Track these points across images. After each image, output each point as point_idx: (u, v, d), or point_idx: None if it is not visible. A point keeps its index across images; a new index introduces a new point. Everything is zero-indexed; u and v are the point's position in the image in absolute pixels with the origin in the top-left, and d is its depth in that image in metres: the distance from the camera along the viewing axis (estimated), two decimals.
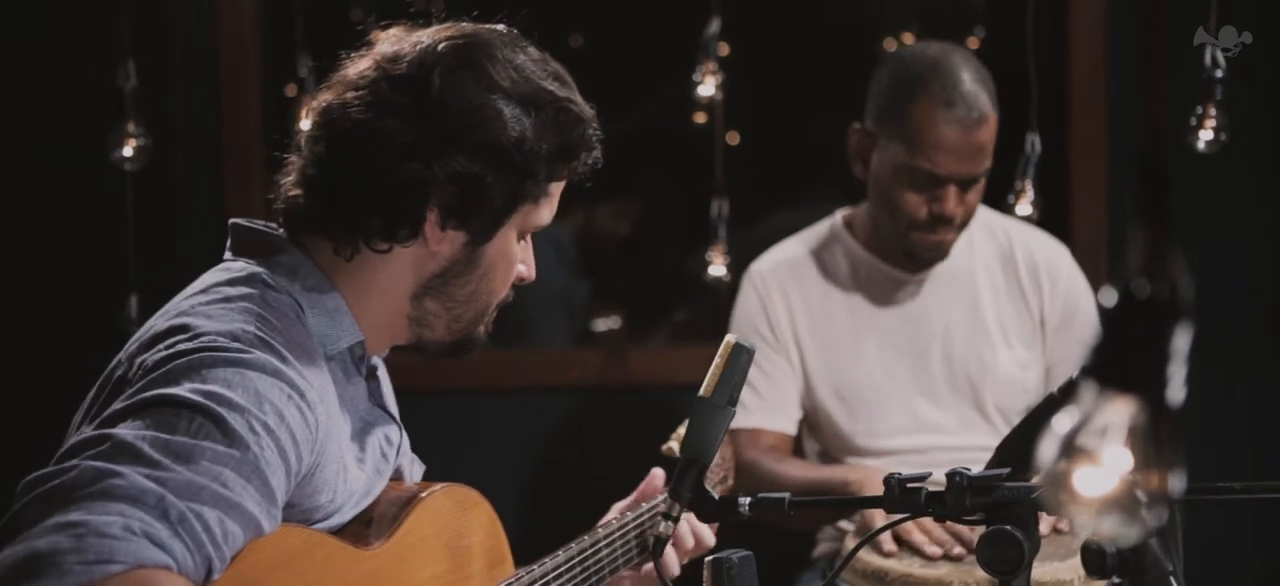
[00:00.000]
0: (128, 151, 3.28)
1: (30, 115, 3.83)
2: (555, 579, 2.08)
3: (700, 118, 3.79)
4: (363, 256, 1.91)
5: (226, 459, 1.63)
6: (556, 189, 1.97)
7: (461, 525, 2.03)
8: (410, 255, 1.91)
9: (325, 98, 1.91)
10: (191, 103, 3.81)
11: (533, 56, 1.94)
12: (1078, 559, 2.29)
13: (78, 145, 3.74)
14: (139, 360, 1.74)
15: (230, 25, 3.83)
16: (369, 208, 1.87)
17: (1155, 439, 0.91)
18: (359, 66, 1.91)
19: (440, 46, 1.89)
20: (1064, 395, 1.72)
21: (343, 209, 1.88)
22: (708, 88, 3.40)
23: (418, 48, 1.89)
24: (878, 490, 2.82)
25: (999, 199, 3.35)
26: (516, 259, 1.98)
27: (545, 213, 1.97)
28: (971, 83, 2.98)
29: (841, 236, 3.24)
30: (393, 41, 1.92)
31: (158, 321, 1.81)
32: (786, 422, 3.18)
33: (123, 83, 3.28)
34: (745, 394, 3.10)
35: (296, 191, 1.91)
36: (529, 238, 2.01)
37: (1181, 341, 0.91)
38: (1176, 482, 0.92)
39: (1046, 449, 0.96)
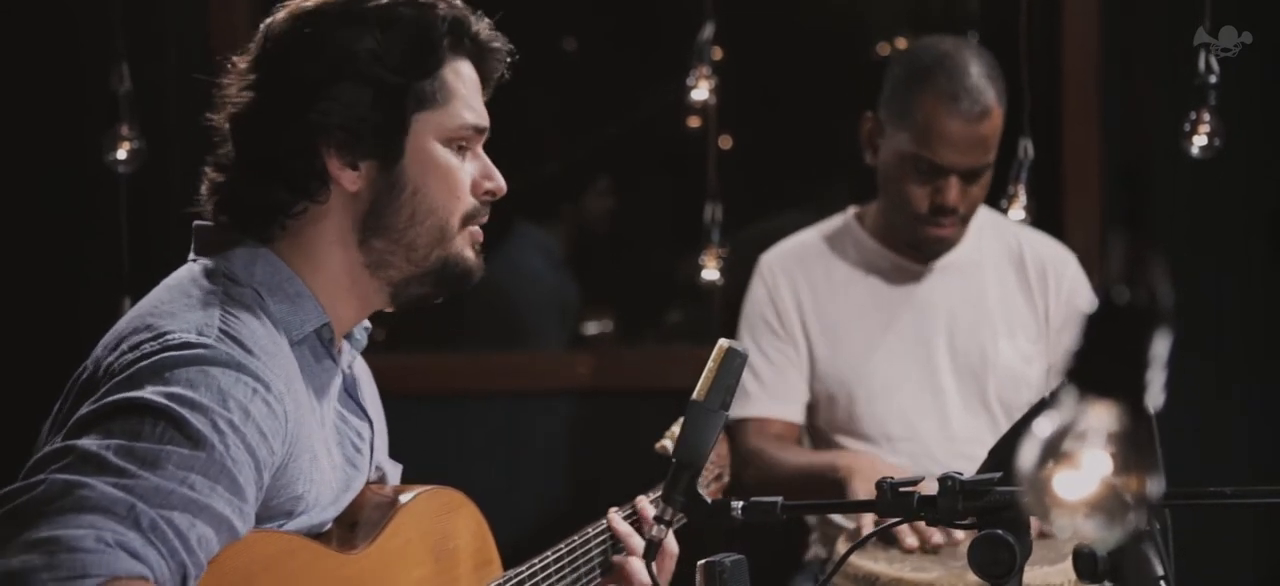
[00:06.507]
0: (121, 154, 3.29)
1: (24, 119, 3.83)
2: (544, 578, 2.08)
3: (694, 121, 3.80)
4: (296, 230, 1.91)
5: (192, 461, 1.63)
6: (456, 81, 1.94)
7: (447, 527, 2.03)
8: (336, 207, 1.90)
9: (212, 119, 1.95)
10: (185, 106, 3.80)
11: None
12: (1069, 563, 2.30)
13: (72, 149, 3.74)
14: (104, 362, 1.75)
15: (223, 28, 3.84)
16: (268, 182, 1.89)
17: (1137, 444, 0.91)
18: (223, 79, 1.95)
19: (275, 17, 1.92)
20: (1055, 400, 1.72)
21: (250, 198, 1.90)
22: (701, 91, 3.41)
23: (259, 30, 1.93)
24: (867, 474, 2.86)
25: (993, 203, 3.36)
26: (458, 168, 1.94)
27: (459, 109, 1.94)
28: (979, 76, 3.02)
29: (852, 228, 3.28)
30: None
31: (121, 323, 1.82)
32: (793, 411, 3.21)
33: (117, 86, 3.29)
34: (752, 384, 3.16)
35: (211, 203, 1.94)
36: (479, 150, 1.98)
37: (1162, 348, 0.91)
38: (1156, 487, 0.93)
39: (1030, 454, 0.96)
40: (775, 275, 3.25)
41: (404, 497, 1.96)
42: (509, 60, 2.01)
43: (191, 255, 1.93)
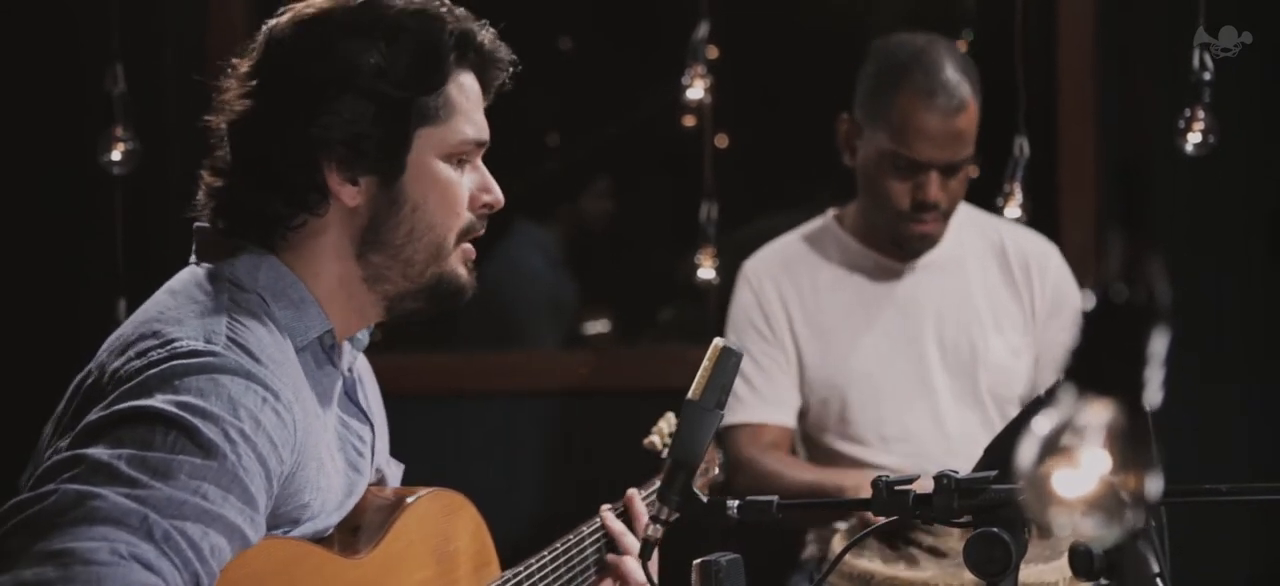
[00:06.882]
0: (116, 156, 3.28)
1: (19, 120, 3.83)
2: (541, 578, 2.08)
3: (689, 121, 3.80)
4: (297, 241, 1.88)
5: (204, 471, 1.62)
6: (460, 96, 1.91)
7: (448, 529, 2.02)
8: (334, 220, 1.88)
9: (210, 121, 1.92)
10: (184, 107, 3.80)
11: None
12: (1064, 561, 2.30)
13: (70, 149, 3.73)
14: (110, 368, 1.72)
15: (222, 28, 3.84)
16: (267, 192, 1.86)
17: (1134, 442, 0.91)
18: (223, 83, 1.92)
19: (279, 20, 1.89)
20: (1052, 398, 1.72)
21: (248, 206, 1.88)
22: (696, 91, 3.41)
23: (262, 33, 1.90)
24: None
25: (988, 202, 3.36)
26: (460, 184, 1.92)
27: (461, 126, 1.91)
28: (953, 71, 3.04)
29: (833, 230, 3.28)
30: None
31: (127, 328, 1.80)
32: (785, 416, 3.20)
33: (111, 87, 3.28)
34: (743, 390, 3.15)
35: (208, 209, 1.91)
36: (478, 162, 1.96)
37: (1160, 346, 0.91)
38: (1153, 484, 0.93)
39: (1028, 451, 0.96)
40: (761, 280, 3.24)
41: (406, 501, 1.96)
42: (511, 69, 1.99)
43: (193, 259, 1.92)
